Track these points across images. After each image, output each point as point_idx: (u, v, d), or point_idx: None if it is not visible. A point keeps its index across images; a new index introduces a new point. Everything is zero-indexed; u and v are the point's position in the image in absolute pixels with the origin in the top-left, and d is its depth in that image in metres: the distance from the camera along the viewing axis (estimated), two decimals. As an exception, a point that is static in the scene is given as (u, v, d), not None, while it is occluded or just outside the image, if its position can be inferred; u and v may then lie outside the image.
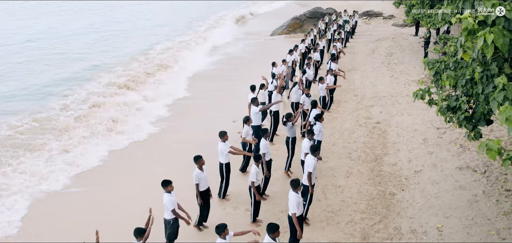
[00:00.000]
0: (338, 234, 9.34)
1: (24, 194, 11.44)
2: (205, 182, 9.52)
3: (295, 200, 8.14)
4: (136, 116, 16.99)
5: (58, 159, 13.33)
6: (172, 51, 28.67)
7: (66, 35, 33.99)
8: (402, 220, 9.55)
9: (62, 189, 11.79)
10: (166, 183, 8.41)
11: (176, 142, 14.55)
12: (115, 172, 12.70)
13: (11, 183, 11.88)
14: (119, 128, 15.73)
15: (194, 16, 45.76)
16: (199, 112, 17.47)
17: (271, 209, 10.49)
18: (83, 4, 52.71)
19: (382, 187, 10.91)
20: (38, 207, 10.92)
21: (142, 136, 15.14)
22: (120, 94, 19.47)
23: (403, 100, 16.86)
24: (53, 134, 15.06)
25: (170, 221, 8.54)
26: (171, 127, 15.96)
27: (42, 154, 13.61)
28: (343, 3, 43.44)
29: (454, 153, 12.17)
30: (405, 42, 27.02)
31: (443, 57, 9.60)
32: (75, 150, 13.96)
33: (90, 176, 12.44)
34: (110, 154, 13.81)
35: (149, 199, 9.40)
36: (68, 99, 18.80)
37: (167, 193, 8.42)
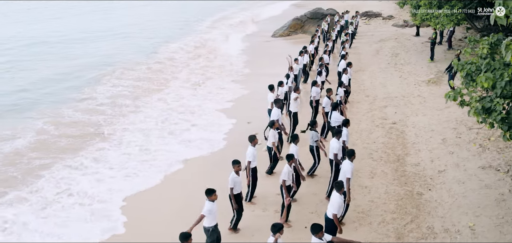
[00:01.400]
0: (372, 234, 9.48)
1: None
2: (239, 186, 9.63)
3: (338, 202, 8.26)
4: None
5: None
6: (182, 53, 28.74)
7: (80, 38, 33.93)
8: (433, 220, 9.71)
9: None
10: (210, 192, 8.46)
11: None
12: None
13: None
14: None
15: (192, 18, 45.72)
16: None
17: (301, 210, 10.60)
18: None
19: (408, 187, 11.08)
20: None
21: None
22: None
23: (415, 100, 17.08)
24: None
25: (209, 229, 8.58)
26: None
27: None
28: (342, 3, 43.68)
29: (474, 153, 12.37)
30: (408, 42, 27.30)
31: (472, 59, 9.72)
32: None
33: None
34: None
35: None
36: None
37: (210, 201, 8.45)
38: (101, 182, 12.39)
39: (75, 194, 11.74)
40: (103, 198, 11.56)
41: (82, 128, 16.17)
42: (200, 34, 35.99)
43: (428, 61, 22.03)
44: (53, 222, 10.57)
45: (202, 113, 17.79)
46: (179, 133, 15.82)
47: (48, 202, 11.36)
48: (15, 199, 11.51)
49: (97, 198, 11.53)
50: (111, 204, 11.27)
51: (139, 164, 13.44)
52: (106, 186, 12.16)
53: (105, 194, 11.74)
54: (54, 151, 14.27)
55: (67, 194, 11.74)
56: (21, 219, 10.65)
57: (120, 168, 13.21)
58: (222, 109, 18.13)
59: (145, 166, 13.32)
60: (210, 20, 43.35)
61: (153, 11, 50.60)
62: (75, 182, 12.34)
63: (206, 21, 42.69)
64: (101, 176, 12.68)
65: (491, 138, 12.95)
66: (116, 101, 19.06)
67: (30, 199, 11.50)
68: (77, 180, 12.44)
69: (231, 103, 18.85)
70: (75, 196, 11.64)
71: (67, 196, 11.66)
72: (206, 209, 8.41)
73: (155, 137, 15.39)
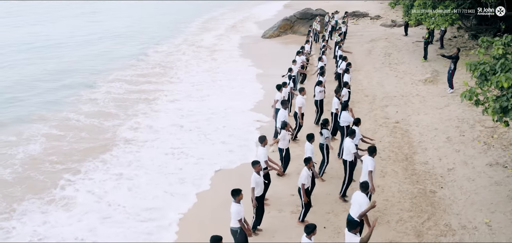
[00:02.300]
0: (391, 232, 9.63)
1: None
2: (261, 187, 9.66)
3: (362, 201, 8.36)
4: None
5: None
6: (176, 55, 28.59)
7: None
8: (449, 217, 9.91)
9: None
10: (237, 193, 8.47)
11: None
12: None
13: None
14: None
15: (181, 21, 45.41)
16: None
17: (317, 210, 10.69)
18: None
19: (421, 186, 11.28)
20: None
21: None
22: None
23: (415, 99, 17.35)
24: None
25: (237, 230, 8.58)
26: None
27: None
28: (328, 3, 44.06)
29: (480, 151, 12.66)
30: (399, 42, 27.70)
31: (484, 59, 9.95)
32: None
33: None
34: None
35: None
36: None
37: (236, 203, 8.45)
38: (142, 187, 12.29)
39: (114, 202, 11.52)
40: (154, 205, 11.39)
41: (96, 132, 16.01)
42: (191, 36, 35.87)
43: (422, 61, 22.40)
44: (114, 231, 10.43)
45: (226, 114, 18.00)
46: (212, 134, 15.97)
47: (90, 209, 11.17)
48: (45, 204, 11.41)
49: (146, 207, 11.34)
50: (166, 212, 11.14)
51: (178, 168, 13.39)
52: (152, 191, 12.01)
53: (155, 201, 11.58)
54: (74, 155, 14.08)
55: (106, 203, 11.50)
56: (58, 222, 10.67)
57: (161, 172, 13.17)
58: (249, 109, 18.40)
59: (186, 169, 13.33)
60: (199, 21, 43.16)
61: (140, 13, 49.99)
62: (111, 187, 12.24)
63: (195, 22, 42.47)
64: (138, 182, 12.53)
65: (494, 136, 13.28)
66: (122, 104, 18.95)
67: (60, 203, 11.42)
68: (112, 186, 12.33)
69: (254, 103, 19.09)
70: (116, 205, 11.41)
71: (107, 205, 11.39)
72: (233, 210, 8.43)
73: (183, 139, 15.49)
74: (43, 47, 30.86)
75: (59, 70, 24.63)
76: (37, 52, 29.14)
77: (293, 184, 12.02)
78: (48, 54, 28.42)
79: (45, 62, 26.50)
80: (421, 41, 26.35)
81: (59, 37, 33.92)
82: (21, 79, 22.81)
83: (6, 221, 10.65)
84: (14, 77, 23.18)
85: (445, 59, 21.81)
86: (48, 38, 33.93)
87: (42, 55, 28.31)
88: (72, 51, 29.70)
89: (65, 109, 18.13)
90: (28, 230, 10.31)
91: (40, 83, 22.11)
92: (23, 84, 21.82)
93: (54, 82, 22.47)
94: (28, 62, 26.51)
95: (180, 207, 11.25)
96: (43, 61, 26.57)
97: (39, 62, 26.47)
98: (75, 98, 19.67)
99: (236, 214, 8.44)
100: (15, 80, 22.58)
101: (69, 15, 45.73)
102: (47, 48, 30.30)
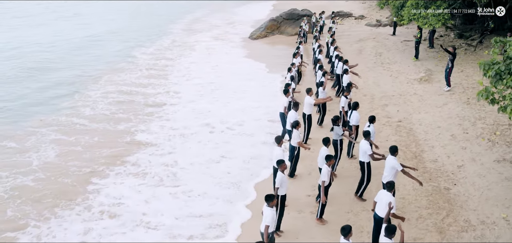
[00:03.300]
0: (413, 230, 9.85)
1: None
2: (285, 187, 9.75)
3: (392, 201, 8.53)
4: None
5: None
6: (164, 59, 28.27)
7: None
8: (467, 213, 10.21)
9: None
10: (271, 198, 8.51)
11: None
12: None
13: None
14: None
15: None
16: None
17: (336, 210, 10.83)
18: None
19: (434, 183, 11.56)
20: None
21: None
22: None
23: (413, 98, 17.73)
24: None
25: (270, 234, 8.62)
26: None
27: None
28: (311, 3, 44.42)
29: (485, 147, 13.05)
30: (388, 42, 28.20)
31: (496, 59, 10.27)
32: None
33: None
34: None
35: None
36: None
37: (270, 208, 8.49)
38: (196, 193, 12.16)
39: (162, 209, 11.36)
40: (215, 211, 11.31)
41: (112, 136, 15.78)
42: (179, 37, 35.50)
43: (413, 60, 22.87)
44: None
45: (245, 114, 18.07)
46: (243, 133, 16.15)
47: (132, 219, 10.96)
48: (84, 210, 11.27)
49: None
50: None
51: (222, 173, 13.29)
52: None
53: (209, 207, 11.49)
54: (97, 160, 13.86)
55: (153, 210, 11.29)
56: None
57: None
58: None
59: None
60: (184, 23, 42.75)
61: (120, 15, 49.12)
62: (153, 193, 12.11)
63: (179, 23, 42.05)
64: (188, 188, 12.38)
65: (497, 133, 13.70)
66: (128, 107, 18.73)
67: (97, 209, 11.31)
68: (154, 192, 12.18)
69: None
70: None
71: (156, 215, 11.13)
72: (266, 214, 8.46)
73: (215, 140, 15.51)
74: (27, 51, 29.93)
75: (45, 74, 23.99)
76: (21, 55, 28.25)
77: (307, 184, 12.18)
78: (33, 58, 27.55)
79: (30, 65, 25.73)
80: (409, 40, 26.94)
81: (42, 41, 32.99)
82: (4, 83, 22.21)
83: (46, 228, 10.49)
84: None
85: (436, 58, 22.40)
86: (31, 42, 32.97)
87: (26, 58, 27.40)
88: (58, 54, 28.95)
89: (64, 113, 17.74)
90: (73, 237, 10.22)
91: (27, 88, 21.52)
92: (8, 89, 21.22)
93: (41, 86, 21.89)
94: (11, 66, 25.71)
95: (241, 212, 11.20)
96: (28, 65, 25.78)
97: (23, 65, 25.68)
98: (71, 103, 19.24)
99: (270, 219, 8.45)
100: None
101: (51, 18, 44.52)
102: (31, 52, 29.37)
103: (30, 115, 17.79)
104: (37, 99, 19.93)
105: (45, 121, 16.96)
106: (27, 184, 12.36)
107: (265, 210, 8.51)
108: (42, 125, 16.53)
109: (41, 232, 10.32)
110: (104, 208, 11.28)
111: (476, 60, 20.82)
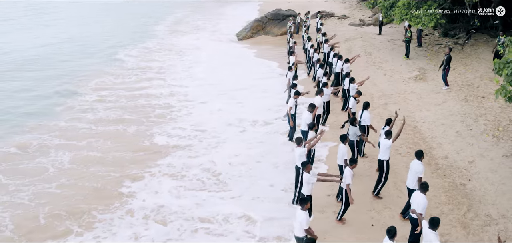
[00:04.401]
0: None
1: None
2: (310, 188, 9.87)
3: (424, 202, 8.72)
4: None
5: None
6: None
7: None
8: (487, 207, 10.55)
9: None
10: (305, 201, 8.57)
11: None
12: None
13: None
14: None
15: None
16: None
17: (357, 209, 10.96)
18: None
19: (449, 179, 11.88)
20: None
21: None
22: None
23: (411, 96, 18.14)
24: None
25: (303, 239, 8.68)
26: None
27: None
28: (290, 3, 44.68)
29: (491, 143, 13.50)
30: (375, 41, 28.66)
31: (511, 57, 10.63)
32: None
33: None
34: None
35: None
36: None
37: (303, 211, 8.55)
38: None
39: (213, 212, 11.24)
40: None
41: (127, 139, 15.59)
42: (163, 39, 35.05)
43: (404, 58, 23.37)
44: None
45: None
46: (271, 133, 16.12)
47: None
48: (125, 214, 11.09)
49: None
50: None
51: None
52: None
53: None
54: (119, 163, 13.67)
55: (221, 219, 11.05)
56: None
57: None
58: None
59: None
60: (166, 24, 42.21)
61: (96, 16, 48.05)
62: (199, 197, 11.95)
63: (161, 25, 41.49)
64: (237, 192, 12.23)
65: (500, 128, 14.18)
66: (134, 110, 18.46)
67: (136, 212, 11.18)
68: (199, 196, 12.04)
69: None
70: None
71: (222, 220, 10.95)
72: (301, 218, 8.51)
73: (247, 139, 15.57)
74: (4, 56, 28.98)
75: (27, 80, 23.11)
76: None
77: (323, 184, 12.25)
78: (13, 63, 26.56)
79: (12, 70, 24.89)
80: (396, 39, 27.52)
81: (18, 45, 31.74)
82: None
83: (92, 235, 10.28)
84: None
85: (426, 57, 22.96)
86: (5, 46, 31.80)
87: (5, 64, 26.40)
88: (38, 59, 27.93)
89: (62, 118, 17.27)
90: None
91: (14, 93, 20.86)
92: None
93: (29, 91, 21.19)
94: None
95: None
96: (10, 70, 24.91)
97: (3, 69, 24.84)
98: (66, 107, 18.74)
99: (305, 222, 8.52)
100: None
101: (23, 23, 43.11)
102: (8, 57, 28.32)
103: (23, 120, 17.19)
104: (25, 103, 19.22)
105: (43, 126, 16.47)
106: (53, 191, 12.03)
107: (300, 215, 8.54)
108: (42, 131, 16.04)
109: (89, 237, 10.15)
110: (147, 212, 11.11)
111: (465, 58, 21.51)
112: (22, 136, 15.79)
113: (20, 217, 10.92)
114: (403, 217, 10.31)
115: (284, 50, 28.92)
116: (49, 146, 14.89)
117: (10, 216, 10.83)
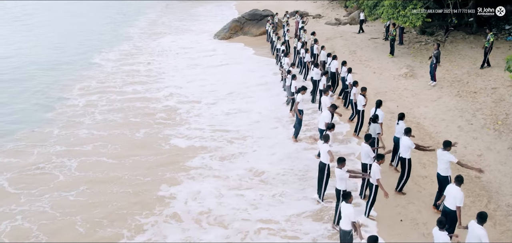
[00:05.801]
0: (464, 218, 10.43)
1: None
2: (344, 183, 10.05)
3: (461, 195, 9.05)
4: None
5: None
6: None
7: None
8: (506, 198, 11.06)
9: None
10: (349, 195, 8.73)
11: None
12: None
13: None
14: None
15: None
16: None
17: (383, 206, 11.22)
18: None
19: (464, 172, 12.27)
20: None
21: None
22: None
23: (406, 93, 18.69)
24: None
25: (350, 232, 8.82)
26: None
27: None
28: (268, 3, 44.90)
29: (494, 136, 14.13)
30: (356, 39, 29.31)
31: None
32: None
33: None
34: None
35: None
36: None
37: (349, 204, 8.71)
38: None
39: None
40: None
41: (144, 144, 15.14)
42: (144, 42, 34.27)
43: (389, 56, 24.03)
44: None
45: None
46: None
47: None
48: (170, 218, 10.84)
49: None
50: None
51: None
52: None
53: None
54: (143, 167, 13.36)
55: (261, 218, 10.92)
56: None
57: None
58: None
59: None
60: (140, 26, 41.27)
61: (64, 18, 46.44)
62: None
63: (135, 27, 40.53)
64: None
65: (499, 122, 14.87)
66: (137, 112, 18.06)
67: (185, 215, 10.94)
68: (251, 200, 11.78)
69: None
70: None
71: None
72: (348, 212, 8.67)
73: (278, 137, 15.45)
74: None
75: (8, 83, 22.25)
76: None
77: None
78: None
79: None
80: (377, 38, 28.26)
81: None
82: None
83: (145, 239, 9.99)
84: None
85: (410, 54, 23.68)
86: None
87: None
88: (11, 68, 26.60)
89: (56, 125, 16.57)
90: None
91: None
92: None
93: (8, 102, 20.03)
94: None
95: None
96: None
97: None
98: (57, 113, 17.94)
99: (352, 215, 8.69)
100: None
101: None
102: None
103: (11, 129, 16.35)
104: (10, 112, 18.32)
105: (37, 134, 15.81)
106: (75, 199, 11.62)
107: (345, 208, 8.71)
108: (37, 139, 15.34)
109: (143, 239, 9.92)
110: (194, 215, 10.88)
111: (448, 55, 22.35)
112: (15, 144, 15.10)
113: (51, 226, 10.44)
114: (436, 208, 10.62)
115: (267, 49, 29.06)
116: (51, 153, 14.31)
117: (38, 227, 10.35)
